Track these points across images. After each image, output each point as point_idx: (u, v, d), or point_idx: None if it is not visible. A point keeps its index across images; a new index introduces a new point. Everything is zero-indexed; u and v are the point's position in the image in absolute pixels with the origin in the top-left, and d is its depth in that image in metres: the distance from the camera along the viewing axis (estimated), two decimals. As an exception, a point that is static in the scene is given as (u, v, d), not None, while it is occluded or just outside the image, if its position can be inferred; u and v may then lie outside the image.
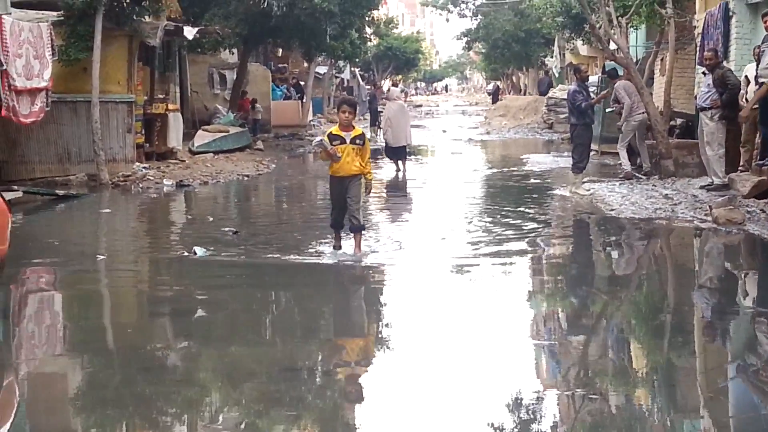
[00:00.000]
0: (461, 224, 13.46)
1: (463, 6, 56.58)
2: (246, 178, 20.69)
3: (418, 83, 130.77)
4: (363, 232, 10.96)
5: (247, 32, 29.69)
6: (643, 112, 18.17)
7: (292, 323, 8.41)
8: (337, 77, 57.52)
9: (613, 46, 21.61)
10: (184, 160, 22.40)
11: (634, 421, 5.84)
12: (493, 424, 5.63)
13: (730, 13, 18.16)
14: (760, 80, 14.15)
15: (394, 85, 44.03)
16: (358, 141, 10.55)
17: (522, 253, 11.19)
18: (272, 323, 8.57)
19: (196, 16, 26.85)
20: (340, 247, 10.92)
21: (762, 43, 14.43)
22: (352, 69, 59.30)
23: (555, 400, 6.20)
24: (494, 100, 67.89)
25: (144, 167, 19.90)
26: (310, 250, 11.25)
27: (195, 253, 10.89)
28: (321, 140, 10.72)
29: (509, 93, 73.25)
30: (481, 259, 10.73)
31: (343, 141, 10.52)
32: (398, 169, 21.55)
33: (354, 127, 10.70)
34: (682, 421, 5.90)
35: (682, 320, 8.41)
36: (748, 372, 6.84)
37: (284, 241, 12.17)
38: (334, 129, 10.79)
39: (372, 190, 11.23)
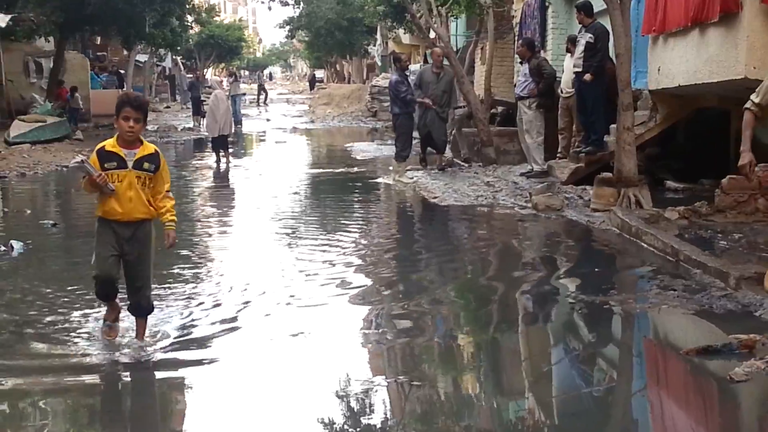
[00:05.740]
0: (289, 231, 12.34)
1: (284, -6, 56.40)
2: (65, 170, 20.09)
3: (243, 71, 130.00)
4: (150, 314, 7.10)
5: (63, 20, 28.93)
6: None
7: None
8: (158, 66, 56.78)
9: (433, 35, 21.97)
10: (0, 151, 21.65)
11: (462, 406, 5.93)
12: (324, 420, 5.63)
13: (547, 4, 18.68)
14: (574, 70, 14.61)
15: (232, 75, 43.82)
16: (147, 165, 6.64)
17: (350, 247, 11.00)
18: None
19: (9, 3, 25.94)
20: (116, 327, 7.04)
21: (578, 33, 14.91)
22: (174, 57, 58.62)
23: (386, 389, 6.22)
24: (311, 88, 68.55)
25: (-43, 158, 19.10)
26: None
27: (12, 248, 10.49)
28: (83, 160, 6.68)
29: (333, 81, 73.63)
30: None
31: (121, 164, 6.57)
32: (218, 161, 21.43)
33: (143, 143, 6.67)
34: (508, 404, 6.02)
35: (506, 306, 8.57)
36: (570, 354, 7.05)
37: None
38: (109, 143, 6.64)
39: (176, 241, 7.03)
